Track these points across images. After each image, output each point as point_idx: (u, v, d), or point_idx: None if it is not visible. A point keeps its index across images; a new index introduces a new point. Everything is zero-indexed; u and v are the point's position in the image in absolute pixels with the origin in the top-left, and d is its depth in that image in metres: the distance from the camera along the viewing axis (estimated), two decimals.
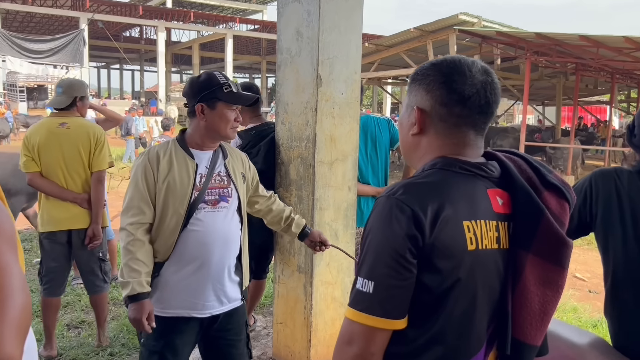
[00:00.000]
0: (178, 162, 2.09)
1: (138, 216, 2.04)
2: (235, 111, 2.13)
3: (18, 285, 0.89)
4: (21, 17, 33.92)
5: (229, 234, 2.15)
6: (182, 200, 2.05)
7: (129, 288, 1.95)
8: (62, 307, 4.19)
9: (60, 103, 3.38)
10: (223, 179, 2.16)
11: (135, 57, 46.23)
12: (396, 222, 1.05)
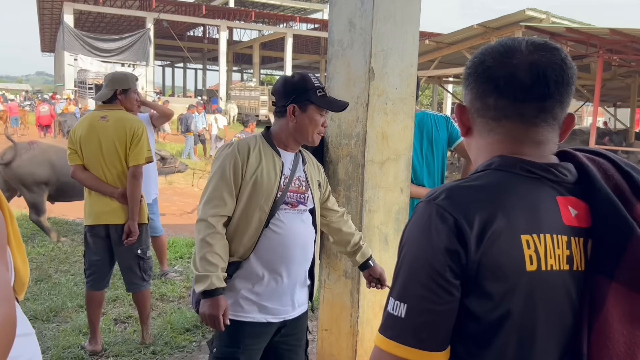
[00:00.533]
0: (266, 158, 2.04)
1: (220, 208, 1.97)
2: (324, 117, 2.09)
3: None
4: (93, 17, 35.46)
5: (307, 238, 2.10)
6: (268, 197, 2.00)
7: (207, 282, 1.87)
8: (111, 300, 4.21)
9: (102, 96, 3.39)
10: (302, 184, 2.12)
11: (199, 56, 47.43)
12: (435, 233, 0.87)
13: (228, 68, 41.21)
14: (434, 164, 3.25)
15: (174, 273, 4.98)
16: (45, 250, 5.59)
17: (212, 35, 43.77)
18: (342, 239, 2.35)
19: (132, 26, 35.38)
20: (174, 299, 4.40)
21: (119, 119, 3.27)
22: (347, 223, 2.38)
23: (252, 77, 38.72)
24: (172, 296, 4.44)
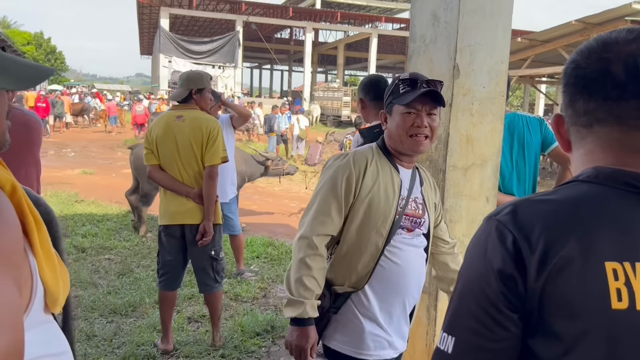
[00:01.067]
0: (383, 174, 1.80)
1: (326, 226, 1.76)
2: (415, 114, 1.73)
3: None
4: (187, 21, 37.18)
5: (422, 266, 1.87)
6: (385, 219, 1.76)
7: (300, 309, 1.69)
8: (187, 298, 4.24)
9: (177, 96, 3.37)
10: (419, 206, 1.85)
11: (285, 57, 48.35)
12: (490, 254, 0.73)
13: (313, 69, 41.65)
14: (525, 170, 2.95)
15: (250, 273, 4.97)
16: (130, 244, 5.78)
17: (298, 37, 44.42)
18: (447, 275, 2.05)
19: (222, 29, 36.69)
20: (248, 299, 4.37)
21: (194, 119, 3.26)
22: (456, 258, 2.06)
23: (336, 78, 38.83)
24: (246, 297, 4.40)
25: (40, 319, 0.88)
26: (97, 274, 4.79)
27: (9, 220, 0.75)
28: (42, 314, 0.90)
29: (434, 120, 1.76)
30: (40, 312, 0.88)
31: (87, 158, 13.75)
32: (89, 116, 23.87)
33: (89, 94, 29.06)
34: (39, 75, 0.90)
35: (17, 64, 0.89)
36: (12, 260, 0.72)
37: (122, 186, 8.98)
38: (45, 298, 0.91)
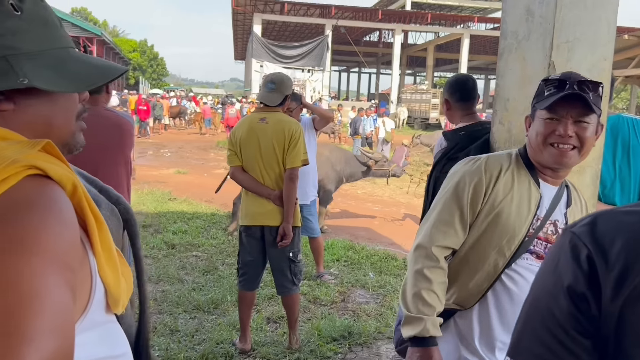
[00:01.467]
0: (519, 186, 1.59)
1: (448, 237, 1.61)
2: (557, 121, 1.50)
3: (46, 325, 0.63)
4: (278, 26, 38.13)
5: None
6: (512, 239, 1.56)
7: (419, 327, 1.53)
8: (267, 298, 4.28)
9: (271, 100, 3.35)
10: (557, 232, 1.59)
11: (373, 60, 48.22)
12: (562, 269, 0.64)
13: (401, 71, 41.19)
14: (630, 178, 2.66)
15: (330, 276, 4.94)
16: (217, 242, 5.96)
17: (387, 39, 44.12)
18: None
19: (312, 33, 37.25)
20: (327, 303, 4.33)
21: (277, 121, 3.28)
22: None
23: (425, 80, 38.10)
24: (325, 300, 4.37)
25: (100, 320, 0.88)
26: (184, 270, 4.97)
27: (67, 221, 0.74)
28: (103, 314, 0.89)
29: (585, 129, 1.48)
30: (100, 312, 0.87)
31: (181, 158, 14.46)
32: (185, 118, 25.13)
33: (186, 98, 30.61)
34: (104, 75, 0.90)
35: (82, 65, 0.89)
36: (66, 262, 0.70)
37: (213, 185, 9.30)
38: (106, 298, 0.90)
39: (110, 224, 1.65)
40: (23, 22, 0.81)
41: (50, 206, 0.71)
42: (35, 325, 0.62)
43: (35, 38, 0.82)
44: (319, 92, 32.39)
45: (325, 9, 32.73)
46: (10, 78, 0.77)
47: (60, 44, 0.87)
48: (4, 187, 0.69)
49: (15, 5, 0.80)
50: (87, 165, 2.71)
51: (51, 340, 0.63)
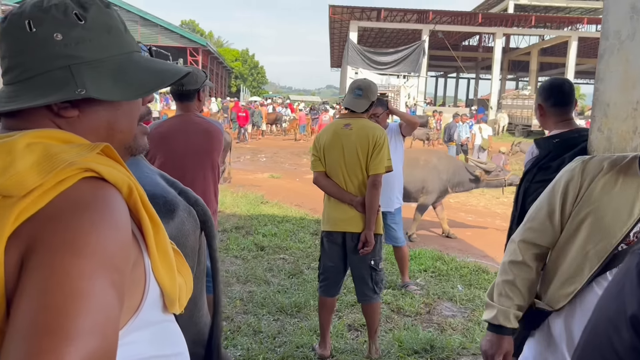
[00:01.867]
0: (623, 188, 1.48)
1: (535, 233, 1.63)
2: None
3: (88, 325, 0.66)
4: (375, 33, 38.15)
5: None
6: (604, 243, 1.47)
7: (491, 314, 1.64)
8: (349, 305, 4.27)
9: (358, 107, 3.33)
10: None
11: (472, 65, 46.74)
12: (626, 295, 0.57)
13: (502, 76, 39.55)
14: None
15: (415, 286, 4.82)
16: (304, 246, 6.04)
17: (488, 44, 42.59)
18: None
19: (409, 39, 36.85)
20: (410, 314, 4.23)
21: (362, 127, 3.26)
22: None
23: (527, 85, 36.28)
24: (409, 311, 4.27)
25: (155, 319, 0.90)
26: (270, 272, 5.08)
27: (118, 223, 0.76)
28: (159, 314, 0.92)
29: None
30: (155, 312, 0.90)
31: (276, 163, 14.88)
32: (281, 125, 25.87)
33: (282, 105, 31.50)
34: (156, 83, 0.91)
35: (142, 71, 0.91)
36: (114, 264, 0.73)
37: (304, 190, 9.51)
38: (162, 298, 0.93)
39: (187, 224, 1.72)
40: (86, 30, 0.84)
41: (102, 209, 0.74)
42: (77, 325, 0.64)
43: (98, 46, 0.85)
44: (414, 98, 31.94)
45: (422, 14, 32.26)
46: (69, 89, 0.80)
47: (122, 49, 0.90)
48: (61, 188, 0.73)
49: (79, 15, 0.84)
50: (176, 169, 2.87)
51: (92, 341, 0.65)
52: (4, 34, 0.84)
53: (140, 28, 31.21)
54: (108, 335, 0.68)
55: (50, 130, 0.80)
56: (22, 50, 0.82)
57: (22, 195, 0.71)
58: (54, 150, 0.75)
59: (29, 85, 0.82)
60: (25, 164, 0.72)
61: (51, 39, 0.82)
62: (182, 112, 3.00)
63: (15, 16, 0.83)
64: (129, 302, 0.81)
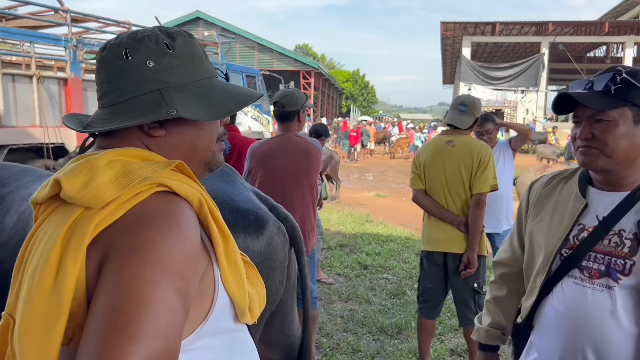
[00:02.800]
0: (560, 198, 1.52)
1: (503, 254, 1.74)
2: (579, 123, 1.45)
3: (151, 327, 0.71)
4: (489, 48, 36.91)
5: (605, 333, 1.34)
6: (546, 252, 1.48)
7: (475, 333, 1.78)
8: (453, 329, 4.11)
9: (462, 123, 3.22)
10: (624, 242, 1.37)
11: None
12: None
13: None
14: None
15: None
16: (408, 267, 5.94)
17: (617, 54, 39.37)
18: None
19: (527, 52, 35.17)
20: None
21: (465, 144, 3.15)
22: None
23: None
24: None
25: (225, 328, 0.94)
26: (372, 291, 5.05)
27: (185, 234, 0.81)
28: (230, 322, 0.96)
29: (605, 129, 1.35)
30: (225, 320, 0.94)
31: (382, 182, 14.83)
32: (389, 144, 25.80)
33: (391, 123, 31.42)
34: (235, 104, 0.98)
35: (221, 94, 0.98)
36: (178, 271, 0.77)
37: (410, 209, 9.34)
38: (234, 308, 0.97)
39: (276, 239, 1.78)
40: (174, 58, 0.93)
41: (170, 219, 0.80)
42: (141, 326, 0.70)
43: (183, 72, 0.94)
44: (532, 114, 30.31)
45: (541, 26, 30.65)
46: (162, 110, 0.89)
47: (204, 74, 0.97)
48: (135, 201, 0.80)
49: (168, 44, 0.93)
50: (277, 188, 2.98)
51: (154, 341, 0.70)
52: (102, 62, 0.94)
53: (257, 54, 32.92)
54: (170, 338, 0.73)
55: (131, 149, 0.89)
56: (119, 76, 0.92)
57: (101, 207, 0.79)
58: (131, 167, 0.83)
59: (123, 107, 0.91)
60: (104, 179, 0.81)
61: (144, 65, 0.91)
62: (283, 132, 3.12)
63: (113, 46, 0.93)
64: (198, 309, 0.86)
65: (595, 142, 1.36)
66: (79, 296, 0.76)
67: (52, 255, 0.77)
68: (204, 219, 0.89)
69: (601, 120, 1.35)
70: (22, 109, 7.22)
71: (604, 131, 1.35)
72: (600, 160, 1.37)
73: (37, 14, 8.64)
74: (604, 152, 1.36)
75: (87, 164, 0.84)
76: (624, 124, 1.34)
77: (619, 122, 1.34)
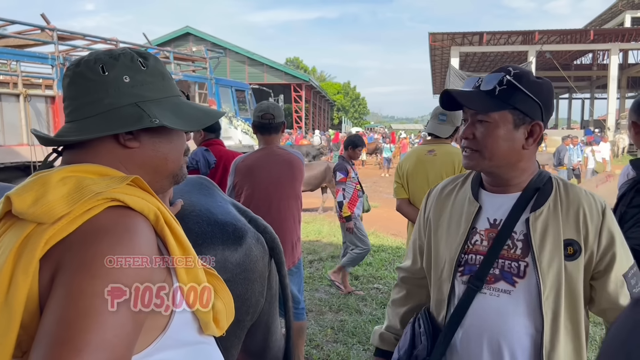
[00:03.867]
0: (456, 203, 1.49)
1: (407, 260, 1.71)
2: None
3: (97, 340, 0.73)
4: (477, 57, 37.31)
5: (505, 336, 1.33)
6: (447, 260, 1.45)
7: (372, 335, 1.78)
8: None
9: (442, 132, 3.28)
10: (516, 245, 1.35)
11: (586, 84, 43.98)
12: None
13: (621, 95, 36.74)
14: None
15: None
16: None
17: (603, 61, 39.86)
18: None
19: (514, 61, 35.54)
20: None
21: (446, 153, 3.20)
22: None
23: None
24: None
25: (188, 340, 0.94)
26: (363, 301, 5.05)
27: (138, 248, 0.82)
28: (194, 335, 0.96)
29: (484, 131, 1.33)
30: (188, 332, 0.94)
31: (375, 192, 14.86)
32: (381, 154, 25.89)
33: (382, 135, 31.55)
34: (208, 118, 1.04)
35: (192, 109, 1.03)
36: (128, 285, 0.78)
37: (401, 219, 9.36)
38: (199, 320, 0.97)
39: (255, 250, 1.80)
40: (148, 75, 0.98)
41: (121, 234, 0.81)
42: (87, 338, 0.71)
43: (157, 88, 0.98)
44: None
45: (527, 35, 31.02)
46: (144, 119, 0.92)
47: (173, 92, 1.03)
48: (88, 216, 0.81)
49: (142, 62, 0.97)
50: (263, 201, 2.99)
51: (100, 353, 0.72)
52: (76, 76, 0.97)
53: (248, 68, 33.04)
54: (117, 351, 0.74)
55: (87, 165, 0.91)
56: (94, 90, 0.95)
57: (52, 223, 0.80)
58: (85, 183, 0.85)
59: (99, 119, 0.94)
60: (56, 195, 0.82)
61: (121, 80, 0.94)
62: (266, 145, 3.14)
63: (89, 62, 0.96)
64: (155, 321, 0.87)
65: (475, 144, 1.35)
66: (32, 309, 0.77)
67: (3, 270, 0.78)
68: (160, 232, 0.89)
69: (482, 121, 1.33)
70: (9, 127, 7.21)
71: (484, 133, 1.33)
72: (481, 163, 1.36)
73: (24, 32, 8.66)
74: (483, 154, 1.34)
75: (39, 181, 0.85)
76: (503, 127, 1.32)
77: (499, 125, 1.32)
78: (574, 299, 1.32)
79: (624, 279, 1.33)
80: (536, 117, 1.34)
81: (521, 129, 1.33)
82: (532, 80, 1.34)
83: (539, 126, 1.35)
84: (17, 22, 8.12)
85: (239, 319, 1.62)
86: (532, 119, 1.34)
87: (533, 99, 1.32)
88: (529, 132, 1.35)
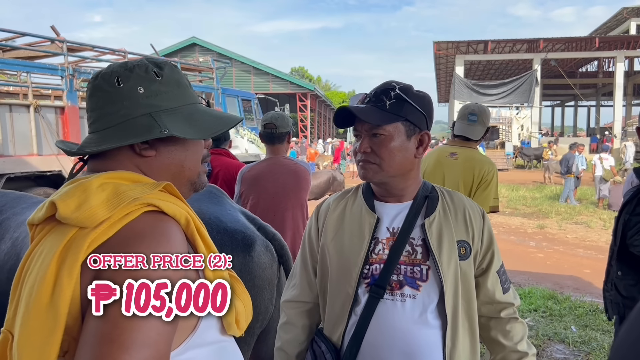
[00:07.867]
0: (352, 217, 1.51)
1: (297, 290, 1.62)
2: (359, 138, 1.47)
3: (142, 338, 0.78)
4: (482, 65, 37.34)
5: (413, 339, 1.37)
6: (349, 272, 1.45)
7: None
8: None
9: (473, 134, 3.05)
10: (416, 250, 1.42)
11: (592, 92, 43.89)
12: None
13: (627, 102, 36.62)
14: None
15: None
16: None
17: (608, 69, 39.81)
18: (496, 355, 1.50)
19: (519, 69, 35.59)
20: None
21: (469, 159, 3.00)
22: (512, 330, 1.47)
23: None
24: None
25: (212, 339, 0.99)
26: None
27: (174, 250, 0.87)
28: (217, 334, 1.01)
29: (381, 144, 1.39)
30: (212, 332, 0.99)
31: None
32: None
33: None
34: (220, 125, 1.06)
35: (207, 116, 1.06)
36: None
37: None
38: (221, 321, 1.02)
39: (264, 257, 1.84)
40: (162, 85, 1.01)
41: (159, 238, 0.86)
42: (133, 336, 0.76)
43: (171, 97, 1.02)
44: (527, 129, 30.52)
45: (532, 43, 31.06)
46: (155, 130, 0.96)
47: (188, 100, 1.06)
48: (126, 221, 0.86)
49: (156, 72, 1.01)
50: (268, 210, 3.02)
51: (145, 350, 0.77)
52: (95, 89, 1.02)
53: (254, 77, 33.22)
54: (160, 348, 0.79)
55: (121, 172, 0.96)
56: (111, 102, 0.99)
57: (94, 227, 0.85)
58: (122, 189, 0.90)
59: (116, 130, 0.98)
60: (97, 200, 0.87)
61: (135, 91, 0.98)
62: (272, 155, 3.17)
63: (106, 75, 1.01)
64: (186, 322, 0.91)
65: (372, 157, 1.41)
66: (74, 311, 0.81)
67: (48, 272, 0.82)
68: (191, 236, 0.95)
69: (377, 134, 1.40)
70: (20, 137, 7.30)
71: (380, 145, 1.39)
72: (379, 174, 1.42)
73: (34, 44, 8.79)
74: (381, 166, 1.40)
75: (80, 187, 0.90)
76: (398, 138, 1.40)
77: (394, 137, 1.39)
78: (468, 296, 1.43)
79: (497, 275, 1.48)
80: (423, 127, 1.44)
81: (412, 139, 1.42)
82: (416, 93, 1.43)
83: (427, 135, 1.45)
84: (27, 34, 8.24)
85: (249, 325, 1.66)
86: (420, 129, 1.44)
87: (419, 110, 1.41)
88: (419, 142, 1.45)
